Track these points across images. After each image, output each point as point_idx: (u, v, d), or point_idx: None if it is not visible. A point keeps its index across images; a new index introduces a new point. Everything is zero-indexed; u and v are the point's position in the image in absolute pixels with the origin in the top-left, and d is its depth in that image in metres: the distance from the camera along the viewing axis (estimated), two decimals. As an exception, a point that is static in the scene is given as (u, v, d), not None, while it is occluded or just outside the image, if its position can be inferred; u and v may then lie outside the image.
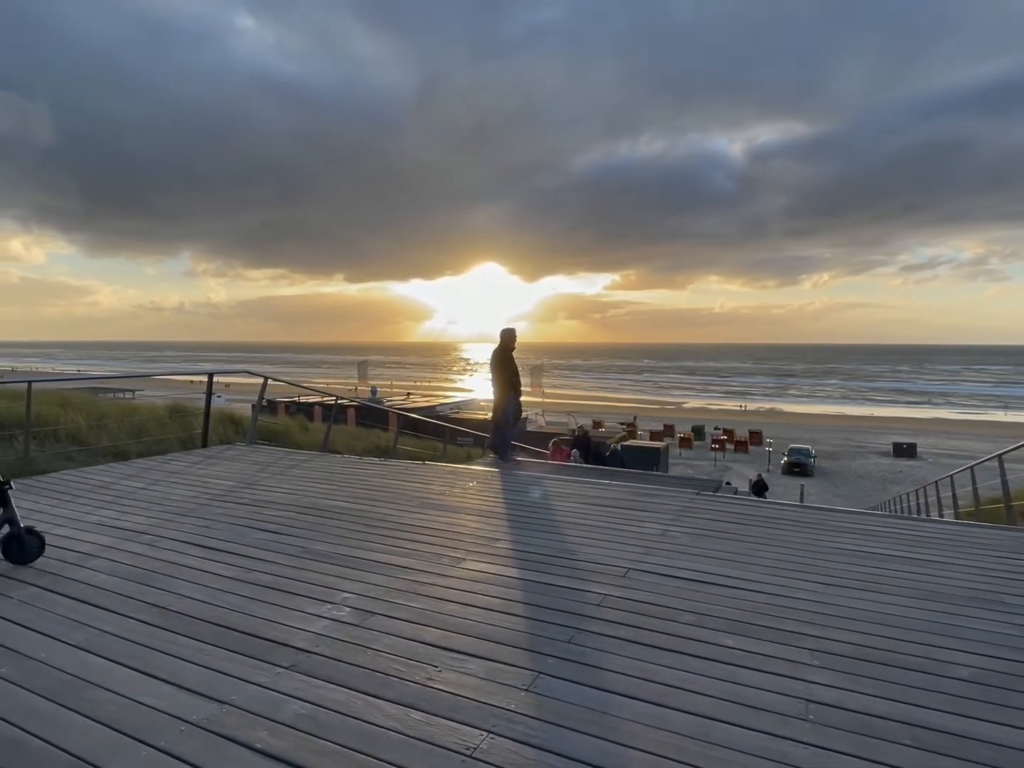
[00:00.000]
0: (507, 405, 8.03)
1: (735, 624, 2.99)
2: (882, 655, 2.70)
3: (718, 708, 2.29)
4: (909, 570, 3.76)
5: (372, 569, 3.66)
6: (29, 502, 5.10)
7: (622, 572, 3.66)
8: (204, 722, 2.15)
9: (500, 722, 2.19)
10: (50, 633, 2.80)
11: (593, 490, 5.99)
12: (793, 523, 4.84)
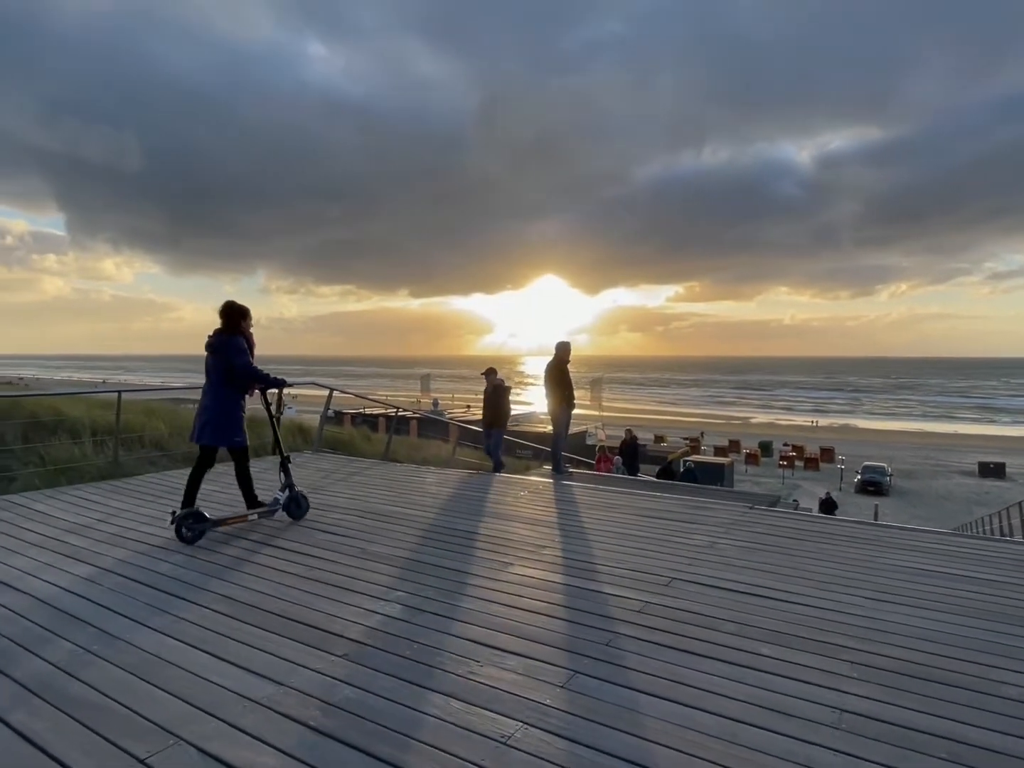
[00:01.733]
0: (561, 418, 8.14)
1: (775, 635, 3.00)
2: (926, 671, 2.66)
3: (747, 712, 2.33)
4: (965, 588, 3.65)
5: (425, 571, 3.85)
6: (118, 501, 5.58)
7: (666, 581, 3.71)
8: (265, 700, 2.37)
9: (535, 714, 2.31)
10: (135, 617, 3.11)
11: (644, 502, 6.02)
12: (851, 539, 4.74)
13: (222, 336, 4.79)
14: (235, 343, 4.76)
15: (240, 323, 4.87)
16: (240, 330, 4.86)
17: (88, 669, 2.59)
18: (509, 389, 8.87)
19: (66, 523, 4.83)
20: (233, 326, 4.83)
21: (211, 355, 4.82)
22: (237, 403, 4.87)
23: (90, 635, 2.90)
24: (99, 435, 7.81)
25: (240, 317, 4.86)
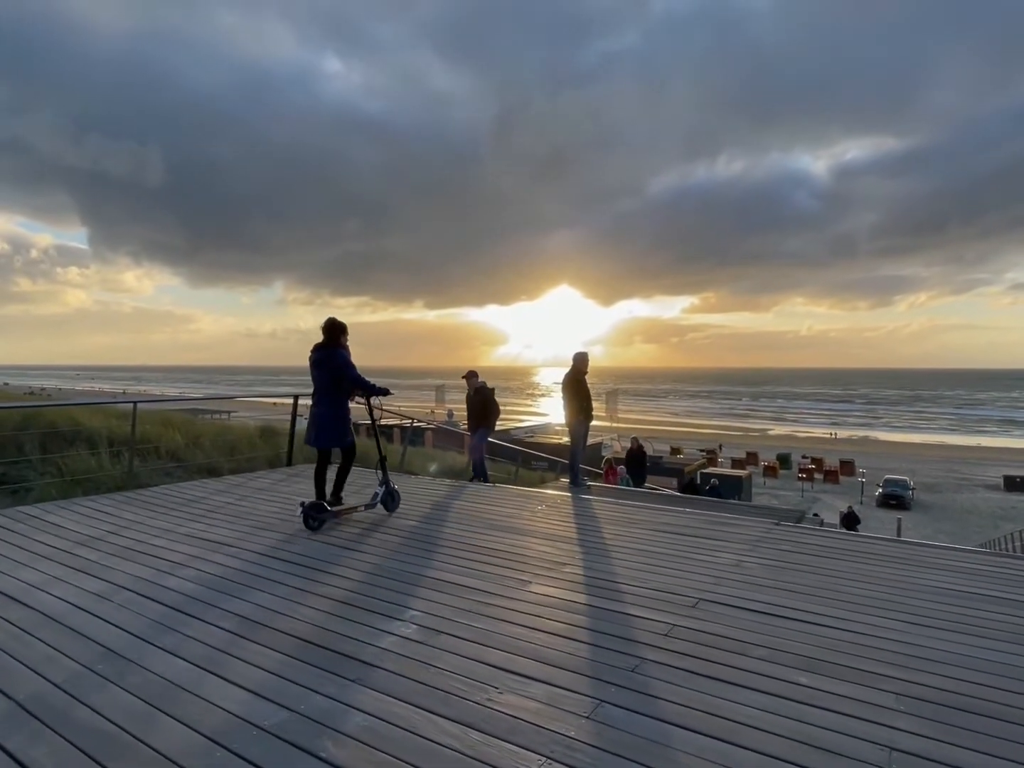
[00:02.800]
0: (578, 430, 8.00)
1: (811, 662, 2.83)
2: (975, 703, 2.49)
3: (788, 749, 2.18)
4: (1010, 612, 3.45)
5: (440, 588, 3.73)
6: (131, 513, 5.52)
7: (692, 602, 3.56)
8: (274, 728, 2.25)
9: (559, 748, 2.17)
10: (143, 636, 3.01)
11: (665, 516, 5.86)
12: (881, 557, 4.55)
13: (327, 351, 5.33)
14: (344, 357, 5.35)
15: (340, 338, 5.40)
16: (340, 344, 5.40)
17: (92, 692, 2.49)
18: (492, 390, 8.96)
19: (78, 535, 4.77)
20: (335, 341, 5.36)
21: (318, 368, 5.35)
22: (344, 409, 5.45)
23: (96, 654, 2.81)
24: (116, 445, 7.80)
25: (340, 333, 5.40)
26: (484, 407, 8.78)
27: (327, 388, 5.33)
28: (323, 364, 5.31)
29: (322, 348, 5.36)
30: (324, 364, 5.31)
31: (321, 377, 5.33)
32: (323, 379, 5.33)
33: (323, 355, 5.33)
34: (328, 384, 5.32)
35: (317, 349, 5.38)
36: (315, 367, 5.36)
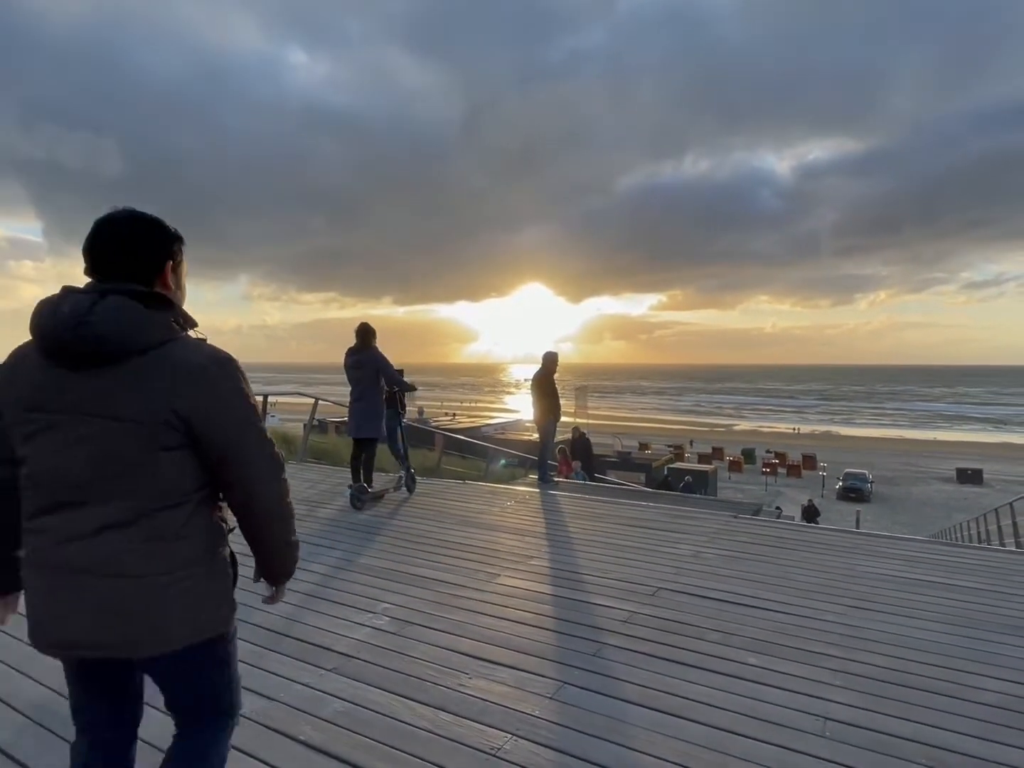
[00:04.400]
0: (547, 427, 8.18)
1: (761, 644, 3.05)
2: (906, 678, 2.72)
3: (736, 722, 2.37)
4: (944, 596, 3.73)
5: (412, 582, 3.85)
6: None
7: (651, 591, 3.75)
8: (254, 715, 2.36)
9: (524, 726, 2.33)
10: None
11: (630, 511, 6.07)
12: (831, 547, 4.81)
13: (365, 352, 6.07)
14: (382, 357, 6.09)
15: (372, 341, 6.13)
16: (373, 346, 6.12)
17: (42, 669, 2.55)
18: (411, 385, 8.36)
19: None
20: (369, 343, 6.10)
21: (358, 369, 6.07)
22: (381, 405, 6.17)
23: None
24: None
25: (372, 337, 6.14)
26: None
27: (367, 386, 6.06)
28: (364, 364, 6.06)
29: (358, 351, 6.12)
30: (365, 364, 6.05)
31: (362, 377, 6.07)
32: (364, 378, 6.06)
33: (362, 356, 6.08)
34: (368, 382, 6.06)
35: (353, 352, 6.14)
36: (355, 368, 6.11)
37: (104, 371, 1.28)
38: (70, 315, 1.27)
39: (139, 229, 1.40)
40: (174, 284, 1.46)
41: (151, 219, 1.42)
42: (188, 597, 1.38)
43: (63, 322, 1.27)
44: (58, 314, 1.28)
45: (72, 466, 1.30)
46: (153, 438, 1.30)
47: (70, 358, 1.28)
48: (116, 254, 1.36)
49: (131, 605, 1.32)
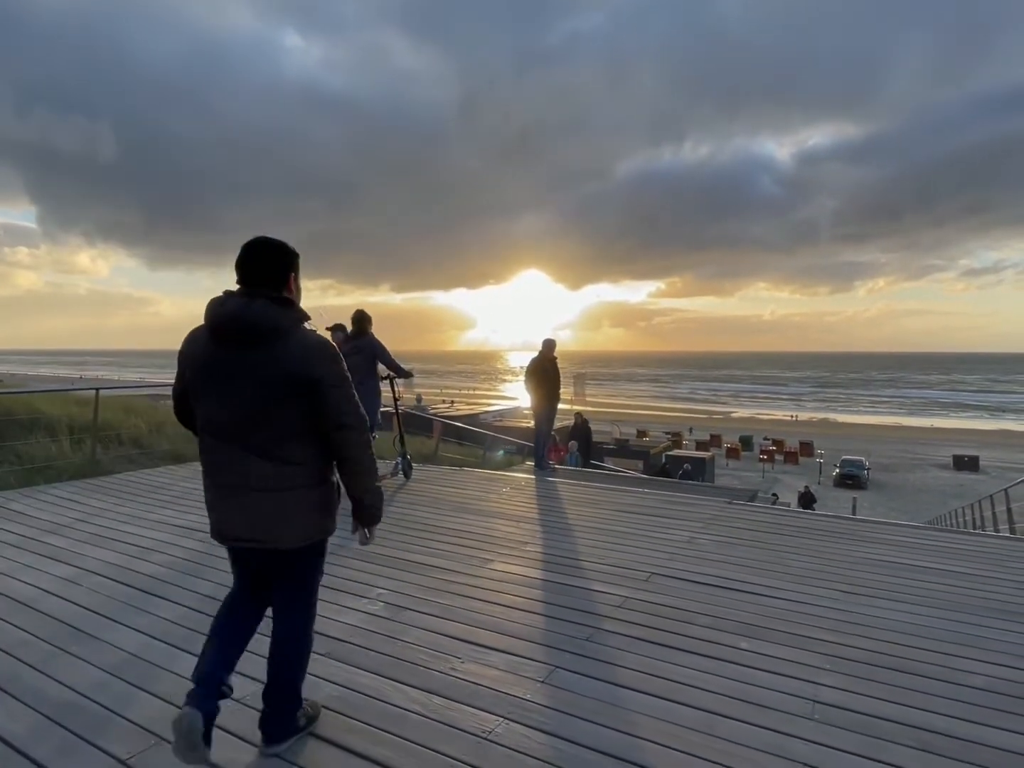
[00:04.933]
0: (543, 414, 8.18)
1: (752, 628, 3.06)
2: (896, 662, 2.74)
3: (725, 705, 2.39)
4: (937, 581, 3.75)
5: (406, 568, 3.87)
6: (97, 500, 5.53)
7: (645, 576, 3.77)
8: (248, 699, 2.38)
9: (515, 710, 2.34)
10: (115, 618, 3.09)
11: (625, 497, 6.09)
12: (825, 533, 4.84)
13: (362, 338, 6.14)
14: (379, 344, 6.17)
15: (368, 327, 6.21)
16: (369, 332, 6.19)
17: (67, 670, 2.58)
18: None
19: (44, 523, 4.78)
20: (365, 329, 6.18)
21: (355, 355, 5.94)
22: (378, 392, 6.29)
23: (69, 635, 2.89)
24: (76, 433, 7.71)
25: (368, 323, 6.22)
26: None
27: (364, 373, 6.02)
28: (361, 350, 6.07)
29: (355, 337, 6.18)
30: (362, 350, 6.08)
31: (359, 363, 5.96)
32: (361, 364, 5.99)
33: (360, 343, 6.12)
34: (365, 369, 6.06)
35: (350, 338, 6.18)
36: (352, 354, 5.93)
37: (254, 348, 1.88)
38: (231, 311, 1.89)
39: (271, 252, 1.97)
40: (295, 290, 2.03)
41: (278, 244, 2.00)
42: (304, 509, 1.99)
43: (226, 315, 1.89)
44: (223, 310, 1.90)
45: (231, 413, 1.91)
46: (286, 393, 1.88)
47: (230, 339, 1.89)
48: (260, 270, 1.95)
49: (268, 512, 1.95)
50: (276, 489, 1.93)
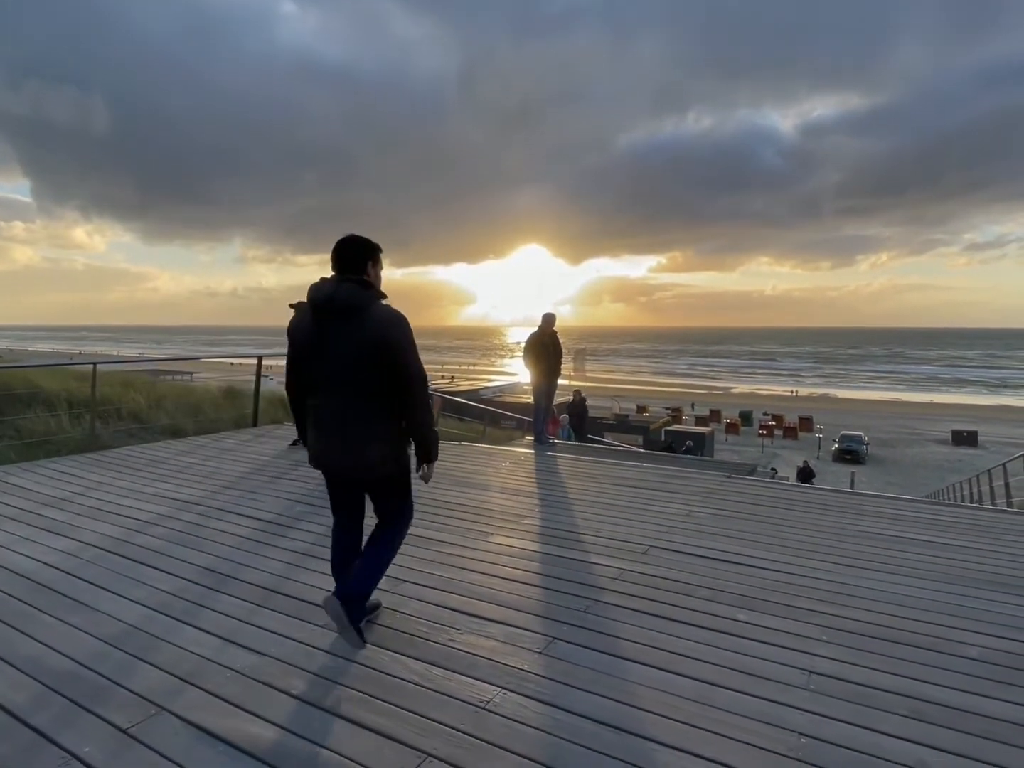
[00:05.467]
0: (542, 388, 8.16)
1: (748, 600, 3.08)
2: (891, 633, 2.76)
3: (722, 675, 2.41)
4: (933, 554, 3.76)
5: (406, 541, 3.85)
6: (95, 474, 5.54)
7: (643, 549, 3.78)
8: (247, 670, 2.39)
9: (513, 680, 2.36)
10: (115, 590, 3.11)
11: (624, 471, 6.10)
12: (822, 506, 4.85)
13: None
14: None
15: None
16: None
17: (67, 641, 2.59)
18: None
19: (44, 496, 4.79)
20: None
21: None
22: None
23: (69, 607, 2.90)
24: (76, 407, 7.71)
25: None
26: None
27: None
28: None
29: None
30: None
31: None
32: None
33: None
34: None
35: None
36: None
37: (344, 321, 2.41)
38: (326, 292, 2.43)
39: (354, 246, 2.54)
40: (374, 275, 2.58)
41: (361, 240, 2.56)
42: (385, 449, 2.52)
43: (322, 296, 2.43)
44: (320, 292, 2.45)
45: (329, 370, 2.46)
46: (368, 354, 2.40)
47: (326, 314, 2.43)
48: (346, 260, 2.51)
49: (357, 450, 2.48)
50: (364, 429, 2.47)
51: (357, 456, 2.49)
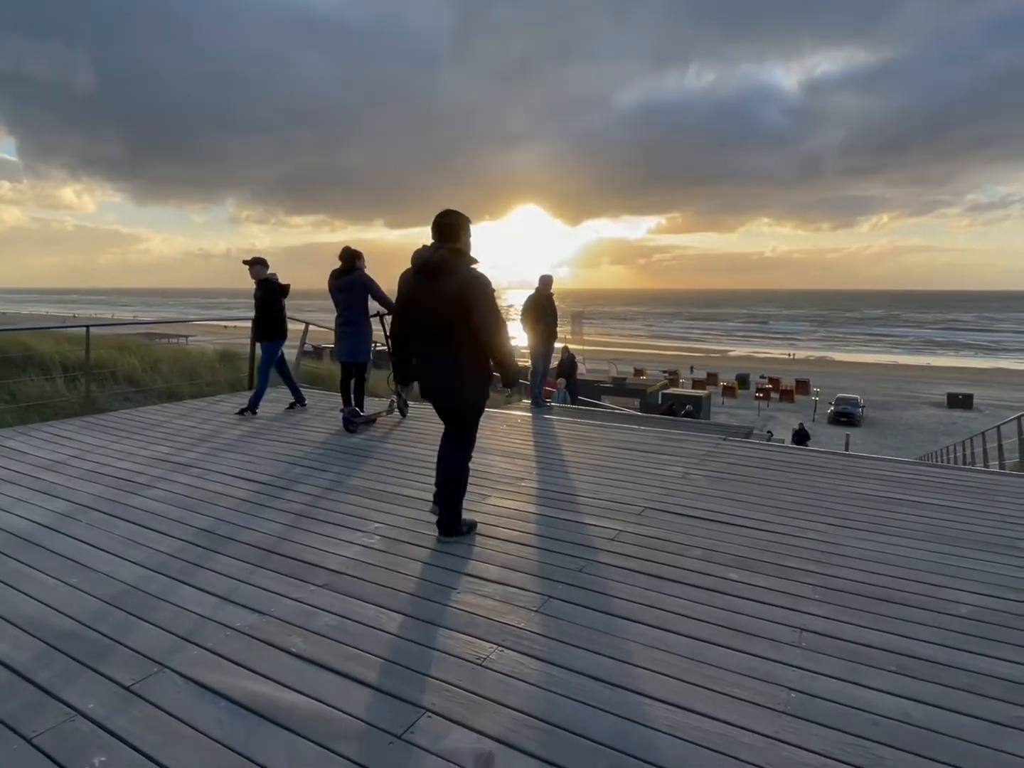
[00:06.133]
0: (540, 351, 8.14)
1: (742, 560, 3.12)
2: (882, 592, 2.80)
3: (714, 633, 2.45)
4: (924, 515, 3.81)
5: (403, 503, 3.90)
6: (92, 438, 5.54)
7: (638, 510, 3.82)
8: (246, 629, 2.42)
9: (510, 637, 2.40)
10: (113, 551, 3.13)
11: (621, 434, 6.12)
12: (816, 468, 4.89)
13: (352, 275, 5.93)
14: (369, 278, 5.96)
15: (356, 262, 5.98)
16: (359, 268, 5.97)
17: (67, 601, 2.62)
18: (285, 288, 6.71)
19: (40, 459, 4.79)
20: (355, 265, 5.96)
21: (345, 292, 5.94)
22: (369, 328, 6.16)
23: (68, 568, 2.93)
24: (70, 371, 7.67)
25: (356, 258, 5.98)
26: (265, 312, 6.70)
27: (354, 309, 6.00)
28: (350, 287, 5.93)
29: (344, 273, 5.96)
30: (352, 287, 5.93)
31: (349, 299, 5.97)
32: (350, 301, 5.97)
33: (349, 279, 5.93)
34: (355, 305, 5.99)
35: (339, 275, 5.98)
36: (341, 291, 5.96)
37: (437, 279, 3.05)
38: (425, 257, 3.09)
39: (448, 218, 3.15)
40: (464, 242, 3.17)
41: (454, 212, 3.18)
42: (472, 386, 3.21)
43: (421, 260, 3.10)
44: (421, 256, 3.11)
45: (427, 319, 3.11)
46: (458, 310, 3.01)
47: (424, 274, 3.09)
48: (443, 230, 3.13)
49: (451, 385, 3.20)
50: (452, 369, 3.15)
51: (443, 390, 3.25)
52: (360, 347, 6.14)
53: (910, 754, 1.81)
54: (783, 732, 1.89)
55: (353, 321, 6.04)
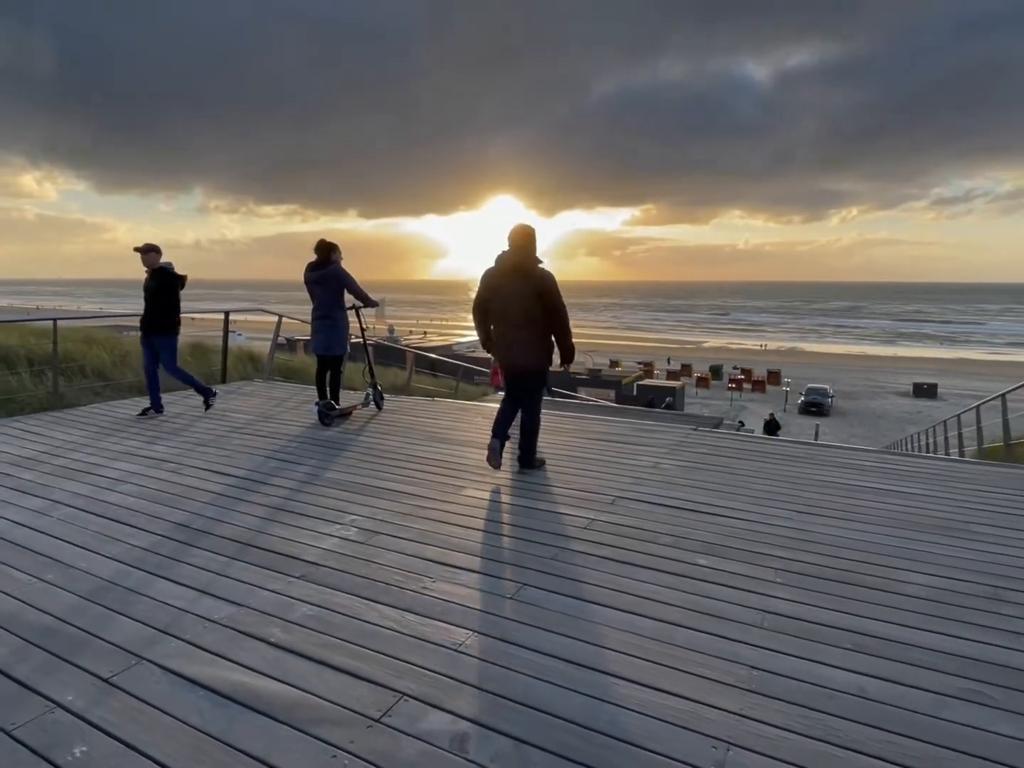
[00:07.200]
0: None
1: (710, 546, 3.22)
2: (841, 575, 2.92)
3: (683, 616, 2.54)
4: (886, 501, 3.96)
5: (379, 495, 3.94)
6: (62, 433, 5.47)
7: (610, 500, 3.91)
8: (224, 620, 2.45)
9: (485, 624, 2.46)
10: (88, 547, 3.12)
11: (594, 425, 6.21)
12: (785, 457, 5.03)
13: (327, 268, 5.91)
14: (344, 271, 5.97)
15: (332, 255, 5.95)
16: (334, 260, 5.96)
17: (43, 597, 2.61)
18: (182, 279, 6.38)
19: (9, 456, 4.73)
20: (331, 257, 5.94)
21: (320, 284, 5.92)
22: (345, 321, 6.15)
23: (43, 565, 2.92)
24: (37, 365, 7.53)
25: (332, 250, 5.96)
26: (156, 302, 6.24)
27: (330, 302, 5.98)
28: (326, 280, 5.91)
29: (320, 266, 5.93)
30: (327, 280, 5.91)
31: (324, 292, 5.95)
32: (326, 294, 5.95)
33: (325, 272, 5.91)
34: (331, 299, 5.97)
35: (315, 267, 5.94)
36: (316, 284, 5.94)
37: (516, 278, 4.22)
38: (506, 259, 4.29)
39: (523, 230, 4.28)
40: (534, 248, 4.28)
41: (528, 226, 4.31)
42: (539, 355, 4.35)
43: (503, 262, 4.31)
44: (507, 260, 4.29)
45: (508, 309, 4.29)
46: (532, 300, 4.19)
47: (505, 274, 4.27)
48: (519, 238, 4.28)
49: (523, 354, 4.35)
50: (527, 344, 4.28)
51: (522, 360, 4.34)
52: (336, 340, 6.11)
53: (863, 725, 1.91)
54: (746, 708, 1.99)
55: (329, 315, 6.02)
